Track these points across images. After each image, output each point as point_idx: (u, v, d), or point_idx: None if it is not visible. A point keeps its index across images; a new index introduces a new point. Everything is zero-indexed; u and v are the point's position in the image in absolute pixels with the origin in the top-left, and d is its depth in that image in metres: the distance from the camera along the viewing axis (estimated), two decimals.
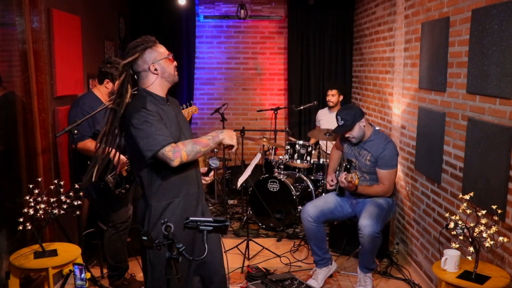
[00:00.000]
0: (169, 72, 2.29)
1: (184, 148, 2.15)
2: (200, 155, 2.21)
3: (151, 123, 2.13)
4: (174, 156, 2.12)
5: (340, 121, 3.43)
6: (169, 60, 2.29)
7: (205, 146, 2.22)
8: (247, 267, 3.72)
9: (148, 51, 2.24)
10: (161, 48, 2.30)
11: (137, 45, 2.24)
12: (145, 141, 2.12)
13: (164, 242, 1.78)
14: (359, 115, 3.43)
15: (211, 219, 1.88)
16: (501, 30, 2.52)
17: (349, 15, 5.79)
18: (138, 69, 2.26)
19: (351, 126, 3.41)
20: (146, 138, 2.12)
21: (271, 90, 6.16)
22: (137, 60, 2.23)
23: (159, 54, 2.26)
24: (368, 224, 3.23)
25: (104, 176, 3.21)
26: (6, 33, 3.17)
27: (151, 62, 2.24)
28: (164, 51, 2.29)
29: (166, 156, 2.11)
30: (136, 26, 5.73)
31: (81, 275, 2.68)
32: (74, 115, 3.19)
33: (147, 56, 2.24)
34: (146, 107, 2.16)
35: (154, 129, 2.12)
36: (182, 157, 2.13)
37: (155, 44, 2.28)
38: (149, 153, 2.12)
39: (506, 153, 2.49)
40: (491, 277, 2.45)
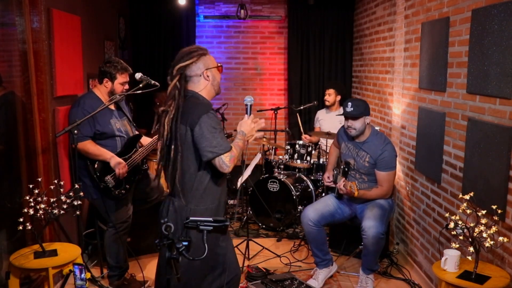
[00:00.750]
0: (218, 81, 2.39)
1: (236, 153, 2.26)
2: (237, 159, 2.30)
3: (216, 128, 2.23)
4: (230, 162, 2.22)
5: (350, 108, 3.40)
6: (219, 70, 2.39)
7: (241, 149, 2.34)
8: (247, 267, 3.71)
9: (204, 58, 2.33)
10: (213, 58, 2.40)
11: (194, 51, 2.32)
12: (209, 143, 2.19)
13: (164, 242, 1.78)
14: (368, 110, 3.44)
15: (211, 219, 1.88)
16: (501, 30, 2.52)
17: (349, 15, 5.79)
18: (191, 73, 2.32)
19: (358, 116, 3.39)
20: (211, 140, 2.19)
21: (271, 90, 6.16)
22: (191, 65, 2.30)
23: (212, 62, 2.36)
24: (373, 225, 3.22)
25: (104, 176, 3.21)
26: (6, 33, 3.17)
27: (205, 68, 2.32)
28: (214, 60, 2.39)
29: (224, 161, 2.20)
30: (136, 26, 5.73)
31: (81, 275, 2.67)
32: (74, 115, 3.19)
33: (202, 62, 2.32)
34: (212, 109, 2.27)
35: (220, 134, 2.23)
36: (234, 163, 2.24)
37: (208, 52, 2.39)
38: (211, 155, 2.20)
39: (506, 153, 2.49)
40: (491, 277, 2.45)
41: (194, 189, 2.30)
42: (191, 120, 2.22)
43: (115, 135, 3.31)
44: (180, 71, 2.29)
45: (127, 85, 3.36)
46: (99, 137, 3.24)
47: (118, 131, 3.33)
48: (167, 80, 2.33)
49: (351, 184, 3.32)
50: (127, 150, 3.34)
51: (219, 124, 2.27)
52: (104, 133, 3.24)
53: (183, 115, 2.23)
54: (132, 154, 3.35)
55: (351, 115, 3.41)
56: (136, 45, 5.77)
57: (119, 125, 3.36)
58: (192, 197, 2.30)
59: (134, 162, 3.34)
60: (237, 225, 4.80)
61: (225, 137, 2.25)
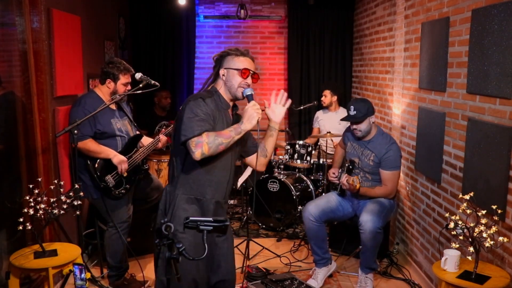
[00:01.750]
0: (232, 84, 2.33)
1: (206, 140, 2.15)
2: (222, 147, 2.19)
3: (198, 114, 2.19)
4: (195, 148, 2.15)
5: (353, 111, 3.40)
6: (240, 74, 2.32)
7: (228, 137, 2.19)
8: (247, 267, 3.71)
9: (228, 58, 2.35)
10: (244, 61, 2.34)
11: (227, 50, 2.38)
12: (184, 126, 2.18)
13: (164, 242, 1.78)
14: (371, 110, 3.43)
15: (211, 219, 1.88)
16: (501, 30, 2.52)
17: (349, 15, 5.79)
18: (217, 69, 2.39)
19: (362, 119, 3.39)
20: (186, 123, 2.18)
21: (271, 90, 6.14)
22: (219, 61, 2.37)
23: (233, 64, 2.33)
24: (369, 219, 3.23)
25: (104, 176, 3.21)
26: (6, 33, 3.17)
27: (223, 67, 2.34)
28: (242, 64, 2.33)
29: (190, 146, 2.16)
30: (136, 26, 5.73)
31: (81, 275, 2.67)
32: (75, 114, 3.19)
33: (224, 61, 2.35)
34: (206, 99, 2.26)
35: (197, 119, 2.18)
36: (203, 149, 2.14)
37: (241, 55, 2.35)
38: (182, 138, 2.18)
39: (506, 153, 2.49)
40: (491, 277, 2.45)
41: (181, 175, 2.30)
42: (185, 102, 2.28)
43: (116, 135, 3.31)
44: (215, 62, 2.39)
45: (129, 86, 3.37)
46: (99, 137, 3.24)
47: (119, 131, 3.33)
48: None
49: (353, 178, 3.33)
50: (127, 150, 3.34)
51: (204, 112, 2.21)
52: (104, 133, 3.24)
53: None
54: (133, 154, 3.35)
55: (355, 120, 3.41)
56: (136, 45, 5.76)
57: (120, 125, 3.36)
58: (180, 184, 2.31)
59: (134, 162, 3.34)
60: (237, 225, 4.80)
61: (205, 125, 2.18)
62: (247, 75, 2.33)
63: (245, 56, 2.36)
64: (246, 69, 2.32)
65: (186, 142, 2.17)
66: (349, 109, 3.43)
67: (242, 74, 2.32)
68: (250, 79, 2.35)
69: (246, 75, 2.32)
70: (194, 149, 2.14)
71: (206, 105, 2.24)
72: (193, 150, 2.14)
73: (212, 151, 2.16)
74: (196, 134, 2.15)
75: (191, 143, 2.15)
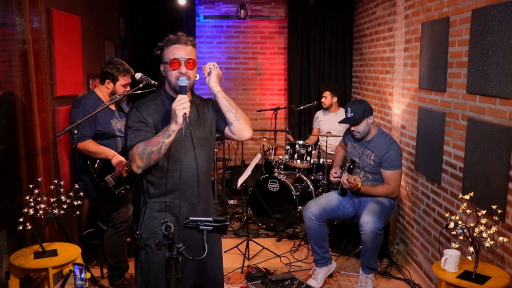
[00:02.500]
0: (170, 80, 2.16)
1: (137, 152, 2.05)
2: (155, 155, 2.05)
3: (130, 126, 2.14)
4: (131, 163, 2.09)
5: (350, 113, 3.42)
6: (171, 65, 2.12)
7: (156, 144, 2.03)
8: (247, 267, 3.72)
9: (163, 51, 2.18)
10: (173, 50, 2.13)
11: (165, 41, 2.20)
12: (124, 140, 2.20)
13: (164, 242, 1.78)
14: (369, 111, 3.43)
15: (211, 219, 1.88)
16: (501, 30, 2.52)
17: (349, 15, 5.79)
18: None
19: (359, 120, 3.40)
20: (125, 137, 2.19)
21: (271, 90, 6.16)
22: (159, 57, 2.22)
23: (164, 57, 2.16)
24: (370, 220, 3.23)
25: (104, 176, 3.21)
26: (6, 33, 3.17)
27: (163, 62, 2.18)
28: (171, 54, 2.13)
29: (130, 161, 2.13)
30: (136, 26, 5.73)
31: (81, 275, 2.67)
32: (75, 114, 3.19)
33: (161, 56, 2.19)
34: (139, 107, 2.17)
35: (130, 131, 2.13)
36: (137, 162, 2.06)
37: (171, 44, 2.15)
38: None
39: (506, 153, 2.49)
40: (491, 277, 2.45)
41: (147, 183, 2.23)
42: None
43: (116, 135, 3.31)
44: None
45: (128, 87, 3.37)
46: (99, 137, 3.23)
47: (119, 132, 3.33)
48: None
49: (354, 177, 3.34)
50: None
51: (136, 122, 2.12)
52: (104, 133, 3.24)
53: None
54: None
55: (352, 121, 3.42)
56: (136, 45, 5.77)
57: (120, 125, 3.36)
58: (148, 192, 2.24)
59: None
60: (237, 225, 4.80)
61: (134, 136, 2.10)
62: (178, 65, 2.10)
63: (174, 44, 2.13)
64: (175, 59, 2.10)
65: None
66: (346, 111, 3.45)
67: (172, 65, 2.11)
68: (184, 68, 2.11)
69: (176, 66, 2.10)
70: (131, 164, 2.10)
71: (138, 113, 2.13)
72: (131, 166, 2.10)
73: (146, 161, 2.05)
74: (129, 148, 2.11)
75: (129, 158, 2.12)
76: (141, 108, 2.16)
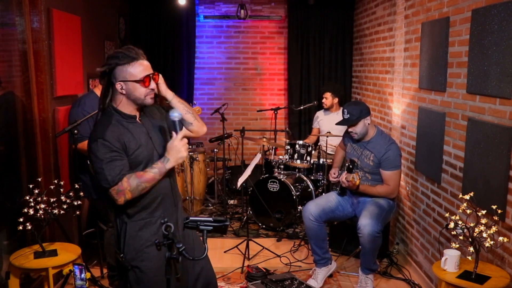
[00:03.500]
0: (136, 96, 2.09)
1: (129, 187, 2.04)
2: (146, 190, 2.08)
3: (102, 159, 2.02)
4: (117, 196, 2.04)
5: (346, 115, 3.42)
6: (142, 83, 2.07)
7: (151, 180, 2.08)
8: (247, 267, 3.72)
9: (119, 69, 2.05)
10: (139, 67, 2.07)
11: (113, 57, 2.07)
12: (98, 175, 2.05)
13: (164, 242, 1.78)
14: (365, 112, 3.43)
15: (211, 219, 1.88)
16: (501, 30, 2.52)
17: (349, 15, 5.79)
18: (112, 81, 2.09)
19: (356, 121, 3.41)
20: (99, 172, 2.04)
21: (271, 90, 6.16)
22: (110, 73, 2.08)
23: (130, 75, 2.05)
24: (368, 224, 3.22)
25: None
26: (6, 33, 3.17)
27: (118, 80, 2.07)
28: (139, 72, 2.06)
29: (112, 194, 2.05)
30: (136, 26, 5.73)
31: (81, 275, 2.68)
32: (75, 115, 3.19)
33: (116, 73, 2.06)
34: (104, 136, 2.03)
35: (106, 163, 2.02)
36: (126, 196, 2.05)
37: (132, 61, 2.06)
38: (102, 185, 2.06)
39: (506, 153, 2.49)
40: (491, 277, 2.45)
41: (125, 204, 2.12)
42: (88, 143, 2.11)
43: None
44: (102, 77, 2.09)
45: None
46: None
47: None
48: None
49: (353, 175, 3.34)
50: None
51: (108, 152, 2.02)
52: None
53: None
54: None
55: (349, 123, 3.43)
56: (136, 45, 5.73)
57: None
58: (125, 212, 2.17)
59: None
60: (237, 225, 4.80)
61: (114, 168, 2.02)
62: (149, 83, 2.09)
63: (137, 60, 2.07)
64: (146, 76, 2.07)
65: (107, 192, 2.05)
66: (343, 112, 3.46)
67: (146, 82, 2.08)
68: (153, 83, 2.11)
69: (148, 83, 2.08)
70: (117, 197, 2.05)
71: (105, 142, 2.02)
72: (115, 198, 2.05)
73: (136, 195, 2.07)
74: (114, 183, 2.03)
75: (112, 191, 2.04)
76: (106, 136, 2.03)
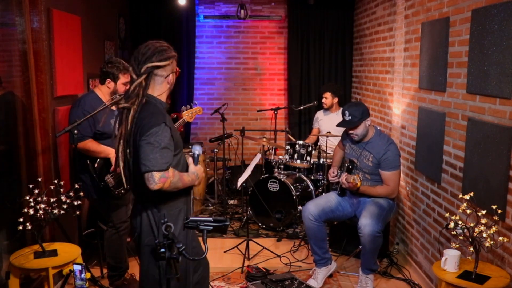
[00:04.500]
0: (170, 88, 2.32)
1: (172, 178, 2.12)
2: (176, 189, 2.19)
3: (161, 143, 2.10)
4: (159, 181, 2.07)
5: (348, 116, 3.40)
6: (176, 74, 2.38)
7: (185, 185, 2.21)
8: (247, 267, 3.72)
9: (174, 62, 2.29)
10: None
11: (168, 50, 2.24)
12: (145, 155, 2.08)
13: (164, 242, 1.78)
14: (366, 113, 3.42)
15: (211, 219, 1.88)
16: (501, 30, 2.52)
17: (349, 15, 5.79)
18: (157, 73, 2.22)
19: (358, 123, 3.40)
20: (148, 153, 2.08)
21: (271, 90, 6.16)
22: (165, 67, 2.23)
23: (174, 66, 2.30)
24: (368, 223, 3.22)
25: (104, 176, 3.21)
26: (6, 33, 3.17)
27: (171, 71, 2.27)
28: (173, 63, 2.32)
29: (154, 177, 2.06)
30: (136, 26, 5.73)
31: (81, 275, 2.68)
32: (75, 114, 3.19)
33: (172, 66, 2.26)
34: (166, 121, 2.15)
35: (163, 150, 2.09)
36: (165, 184, 2.10)
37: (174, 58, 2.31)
38: (142, 168, 2.08)
39: (506, 153, 2.49)
40: (491, 277, 2.45)
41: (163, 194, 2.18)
42: (143, 127, 2.12)
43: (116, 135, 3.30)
44: (149, 69, 2.19)
45: (129, 85, 3.36)
46: (99, 137, 3.24)
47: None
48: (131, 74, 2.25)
49: (353, 177, 3.34)
50: None
51: (168, 139, 2.12)
52: (104, 133, 3.24)
53: (139, 120, 2.16)
54: None
55: (350, 125, 3.41)
56: (136, 45, 5.63)
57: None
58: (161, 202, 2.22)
59: None
60: (237, 225, 4.80)
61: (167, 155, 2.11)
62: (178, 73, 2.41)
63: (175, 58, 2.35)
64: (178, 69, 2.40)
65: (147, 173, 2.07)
66: (344, 114, 3.43)
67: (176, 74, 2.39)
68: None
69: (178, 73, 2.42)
70: (158, 181, 2.07)
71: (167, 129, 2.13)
72: (156, 181, 2.07)
73: (169, 189, 2.14)
74: (164, 168, 2.08)
75: (154, 175, 2.06)
76: (168, 122, 2.17)
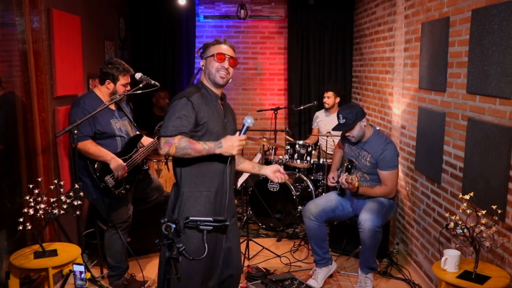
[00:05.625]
0: (210, 71, 2.38)
1: (177, 144, 2.23)
2: (188, 156, 2.28)
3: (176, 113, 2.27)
4: (164, 146, 2.24)
5: (342, 120, 3.42)
6: (215, 60, 2.37)
7: (197, 152, 2.27)
8: (247, 267, 3.72)
9: (207, 49, 2.42)
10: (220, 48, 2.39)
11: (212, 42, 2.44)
12: (164, 123, 2.29)
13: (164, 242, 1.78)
14: (361, 114, 3.42)
15: (211, 218, 1.88)
16: (501, 30, 2.52)
17: (349, 15, 5.79)
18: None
19: (352, 126, 3.40)
20: (166, 122, 2.29)
21: (271, 90, 6.16)
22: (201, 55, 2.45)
23: (210, 52, 2.40)
24: (368, 218, 3.23)
25: (104, 176, 3.21)
26: (6, 33, 3.17)
27: (205, 56, 2.41)
28: (217, 50, 2.38)
29: (160, 142, 2.25)
30: (136, 26, 5.73)
31: (81, 275, 2.68)
32: (75, 114, 3.19)
33: (204, 53, 2.43)
34: (189, 96, 2.31)
35: (175, 117, 2.26)
36: (170, 150, 2.24)
37: (217, 43, 2.41)
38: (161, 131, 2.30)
39: (506, 153, 2.49)
40: (491, 277, 2.45)
41: (183, 172, 2.37)
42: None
43: (116, 135, 3.31)
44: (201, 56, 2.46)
45: (128, 86, 3.37)
46: (99, 137, 3.24)
47: (119, 131, 3.33)
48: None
49: (352, 177, 3.34)
50: (127, 150, 3.34)
51: (183, 112, 2.27)
52: (104, 133, 3.24)
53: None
54: (133, 154, 3.35)
55: (345, 128, 3.42)
56: (136, 45, 5.76)
57: (120, 125, 3.36)
58: (184, 181, 2.38)
59: (134, 162, 3.34)
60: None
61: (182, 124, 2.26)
62: (222, 59, 2.37)
63: (220, 44, 2.41)
64: (220, 53, 2.37)
65: (159, 138, 2.28)
66: (338, 117, 3.45)
67: (218, 58, 2.36)
68: (226, 63, 2.39)
69: (221, 59, 2.37)
70: (162, 146, 2.24)
71: (188, 103, 2.29)
72: (161, 146, 2.24)
73: (178, 155, 2.26)
74: (169, 134, 2.25)
75: (161, 140, 2.25)
76: (193, 99, 2.31)
